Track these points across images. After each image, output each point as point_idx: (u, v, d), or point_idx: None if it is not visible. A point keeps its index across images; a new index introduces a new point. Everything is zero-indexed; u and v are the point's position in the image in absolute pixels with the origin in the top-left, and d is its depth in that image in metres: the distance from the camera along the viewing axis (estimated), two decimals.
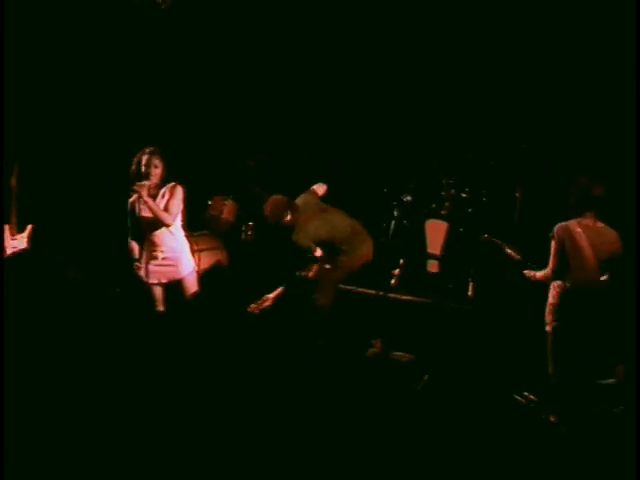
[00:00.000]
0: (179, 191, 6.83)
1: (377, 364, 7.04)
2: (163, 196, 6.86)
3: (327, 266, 7.38)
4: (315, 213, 7.48)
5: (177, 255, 7.01)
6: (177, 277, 6.99)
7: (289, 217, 7.39)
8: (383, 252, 8.41)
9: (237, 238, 9.51)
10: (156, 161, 6.79)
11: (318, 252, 7.41)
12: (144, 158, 6.75)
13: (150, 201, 6.65)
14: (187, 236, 7.19)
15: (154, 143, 6.93)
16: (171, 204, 6.80)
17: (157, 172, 6.80)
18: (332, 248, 7.42)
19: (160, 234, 6.89)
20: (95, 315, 6.65)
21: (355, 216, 7.81)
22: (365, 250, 7.52)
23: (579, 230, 6.01)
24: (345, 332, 7.10)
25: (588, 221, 6.10)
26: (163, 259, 6.94)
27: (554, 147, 8.18)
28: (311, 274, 7.38)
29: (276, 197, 7.49)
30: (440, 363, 6.95)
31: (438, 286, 8.79)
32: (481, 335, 7.34)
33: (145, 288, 6.98)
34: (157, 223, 6.84)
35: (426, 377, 6.61)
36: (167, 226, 6.76)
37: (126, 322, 6.53)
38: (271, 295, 7.25)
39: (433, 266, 9.04)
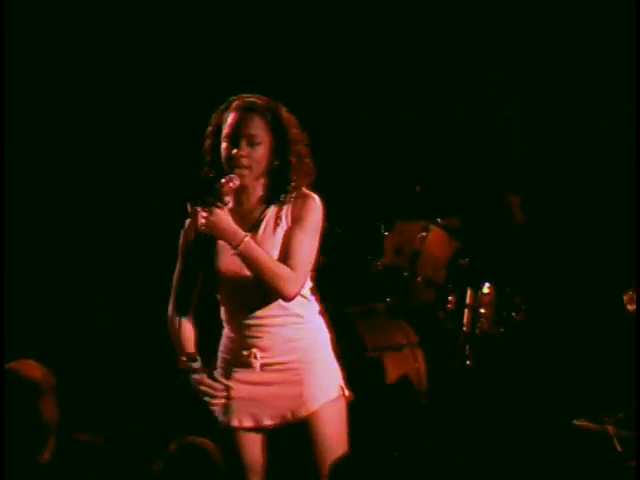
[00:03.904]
0: (316, 211, 4.02)
1: None
2: (277, 222, 4.04)
3: None
4: None
5: (302, 360, 4.16)
6: (301, 413, 4.10)
7: None
8: None
9: (456, 322, 6.35)
10: (256, 128, 3.89)
11: None
12: (229, 118, 3.91)
13: (255, 248, 3.92)
14: (331, 315, 4.44)
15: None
16: (299, 245, 4.02)
17: (258, 154, 3.90)
18: None
19: (262, 310, 4.16)
20: None
21: None
22: None
23: None
24: None
25: None
26: (266, 367, 4.17)
27: None
28: None
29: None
30: None
31: None
32: None
33: (225, 437, 4.14)
34: (258, 288, 4.03)
35: None
36: (286, 298, 4.03)
37: None
38: None
39: None
